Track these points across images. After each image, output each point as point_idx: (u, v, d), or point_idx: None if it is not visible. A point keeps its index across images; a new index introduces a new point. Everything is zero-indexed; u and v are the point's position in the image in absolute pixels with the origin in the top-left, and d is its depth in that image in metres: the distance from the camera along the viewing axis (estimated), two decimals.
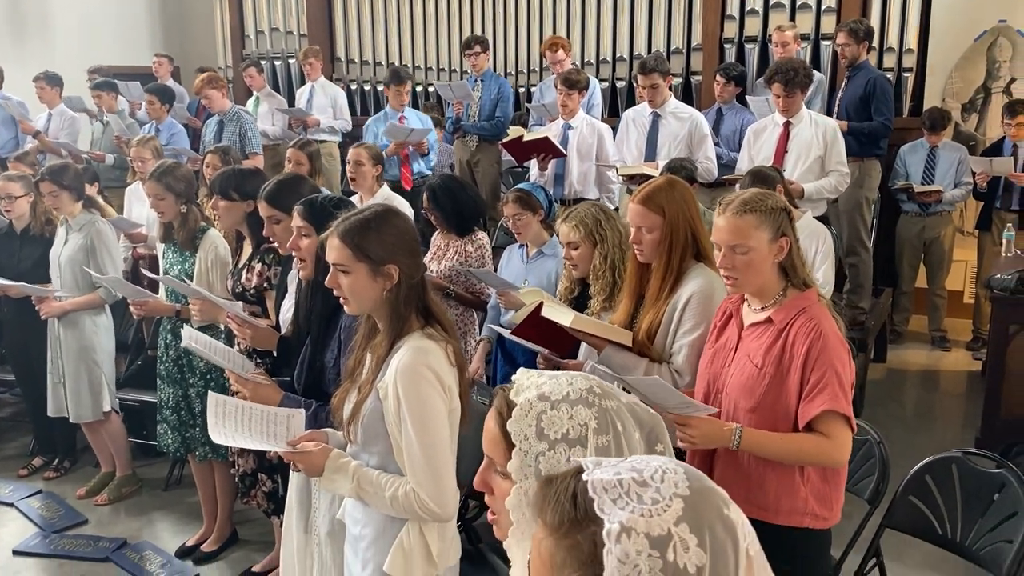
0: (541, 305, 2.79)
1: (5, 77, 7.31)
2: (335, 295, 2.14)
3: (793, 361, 2.16)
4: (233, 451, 3.44)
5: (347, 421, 2.09)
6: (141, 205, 5.33)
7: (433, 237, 4.31)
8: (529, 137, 5.47)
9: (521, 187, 3.99)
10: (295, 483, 2.64)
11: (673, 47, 7.34)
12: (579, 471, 0.91)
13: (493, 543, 2.94)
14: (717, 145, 5.78)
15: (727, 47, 7.16)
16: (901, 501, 2.81)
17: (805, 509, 2.23)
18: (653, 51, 7.18)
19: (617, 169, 5.35)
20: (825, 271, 4.03)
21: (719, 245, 2.24)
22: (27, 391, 4.80)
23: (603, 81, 7.47)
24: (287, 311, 3.06)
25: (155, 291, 3.91)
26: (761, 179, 3.85)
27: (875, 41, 6.55)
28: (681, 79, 7.25)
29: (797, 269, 2.25)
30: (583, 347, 2.86)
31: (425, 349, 2.00)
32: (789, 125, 4.97)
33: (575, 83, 5.53)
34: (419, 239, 2.16)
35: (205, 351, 2.70)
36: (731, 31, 7.15)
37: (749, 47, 7.09)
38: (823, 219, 4.93)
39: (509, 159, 6.32)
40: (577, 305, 3.23)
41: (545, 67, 7.22)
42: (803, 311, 2.20)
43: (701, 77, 7.23)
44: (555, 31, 7.60)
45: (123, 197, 5.73)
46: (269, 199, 3.00)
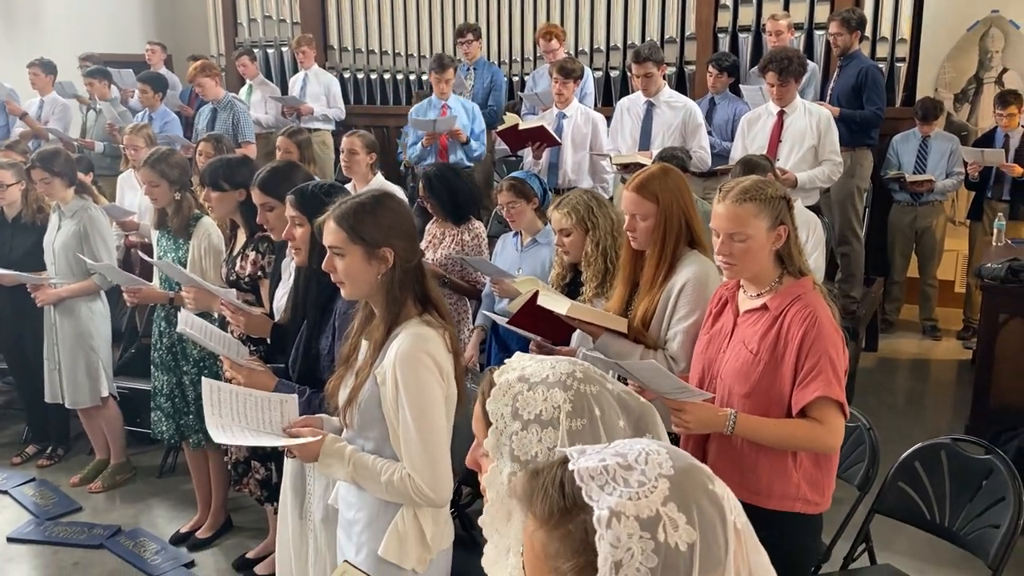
0: (537, 294, 2.80)
1: None
2: (330, 282, 2.15)
3: (788, 347, 2.18)
4: None
5: (344, 406, 2.10)
6: (133, 193, 5.32)
7: (429, 226, 4.31)
8: (525, 125, 5.47)
9: (516, 175, 4.00)
10: (289, 469, 2.65)
11: (667, 36, 7.33)
12: (564, 461, 0.92)
13: None
14: (710, 134, 5.79)
15: (721, 36, 7.15)
16: (891, 487, 2.84)
17: (797, 494, 2.25)
18: (647, 40, 7.17)
19: (611, 158, 5.36)
20: (816, 259, 4.05)
21: (717, 232, 2.26)
22: (20, 379, 4.80)
23: (597, 70, 7.46)
24: (281, 299, 3.06)
25: (148, 278, 3.91)
26: (752, 168, 3.86)
27: (868, 31, 6.56)
28: (675, 68, 7.25)
29: (794, 257, 2.27)
30: (576, 333, 2.87)
31: (424, 336, 2.01)
32: (783, 114, 4.98)
33: (570, 72, 5.52)
34: (415, 224, 2.17)
35: (200, 336, 2.70)
36: (725, 20, 7.15)
37: (743, 36, 7.08)
38: (815, 208, 4.95)
39: (502, 148, 6.31)
40: (570, 291, 3.25)
41: (539, 56, 7.21)
42: (798, 298, 2.22)
43: (695, 66, 7.23)
44: (549, 19, 7.57)
45: (115, 185, 5.71)
46: (262, 186, 3.00)
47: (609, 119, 5.71)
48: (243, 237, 3.43)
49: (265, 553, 3.67)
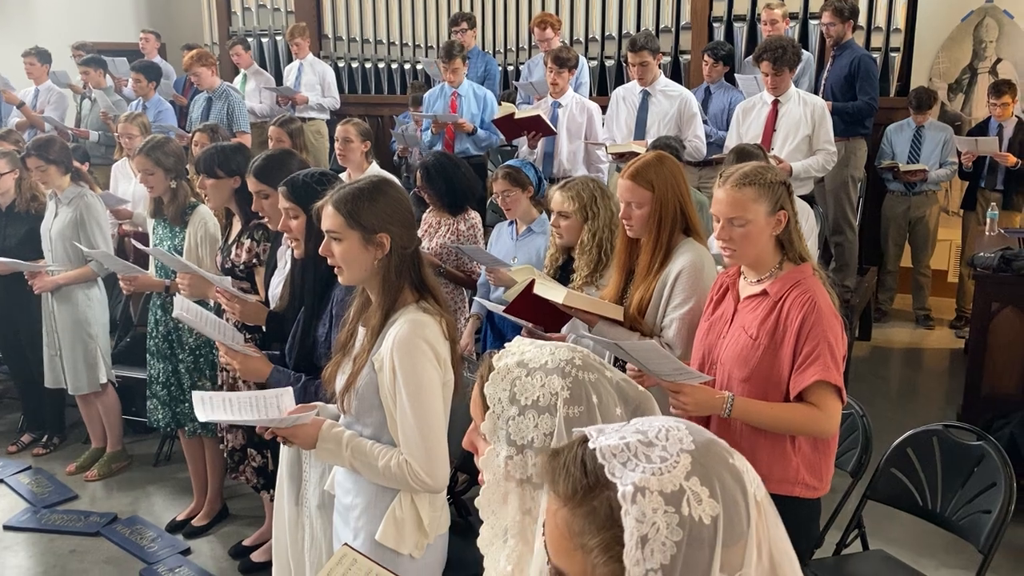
0: (533, 282, 2.81)
1: None
2: (328, 270, 2.15)
3: (786, 332, 2.19)
4: (222, 427, 3.45)
5: (341, 393, 2.11)
6: (127, 182, 5.31)
7: (425, 215, 4.31)
8: (521, 115, 5.46)
9: (511, 163, 4.00)
10: (286, 457, 2.66)
11: (662, 26, 7.33)
12: (584, 440, 0.93)
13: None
14: (705, 123, 5.80)
15: (716, 26, 7.16)
16: (883, 473, 2.87)
17: (796, 479, 2.27)
18: (642, 29, 7.17)
19: (607, 147, 5.36)
20: (808, 248, 4.06)
21: (717, 217, 2.27)
22: (15, 368, 4.80)
23: (592, 60, 7.46)
24: (276, 287, 3.06)
25: (142, 267, 3.90)
26: (745, 157, 3.86)
27: (863, 21, 6.58)
28: (670, 58, 7.25)
29: (794, 243, 2.28)
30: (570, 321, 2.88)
31: (422, 322, 2.01)
32: (777, 103, 4.99)
33: (565, 61, 5.52)
34: (413, 211, 2.17)
35: (196, 322, 2.70)
36: (720, 10, 7.15)
37: (738, 26, 7.09)
38: (808, 198, 4.96)
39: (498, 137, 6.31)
40: (562, 273, 3.25)
41: (533, 45, 7.20)
42: (798, 284, 2.23)
43: (690, 56, 7.23)
44: (544, 8, 7.57)
45: (109, 174, 5.69)
46: (258, 174, 3.00)
47: (604, 108, 5.71)
48: (238, 225, 3.43)
49: (261, 540, 3.68)
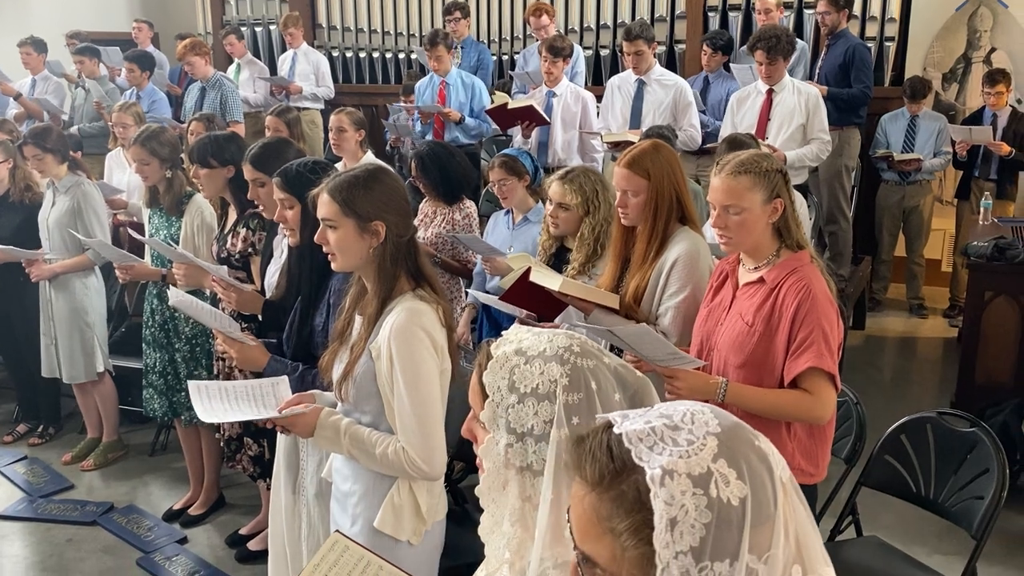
0: (529, 270, 2.81)
1: None
2: (325, 259, 2.15)
3: (782, 319, 2.21)
4: None
5: (339, 381, 2.11)
6: (122, 171, 5.29)
7: (421, 204, 4.31)
8: (514, 104, 5.46)
9: (507, 152, 4.00)
10: (283, 445, 2.67)
11: (657, 15, 7.31)
12: (609, 425, 0.93)
13: (479, 504, 2.99)
14: (703, 113, 5.79)
15: (711, 15, 7.14)
16: (877, 460, 2.88)
17: (792, 465, 2.24)
18: (637, 18, 7.15)
19: (602, 136, 5.36)
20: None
21: (714, 205, 2.28)
22: (10, 358, 4.79)
23: (587, 49, 7.44)
24: (272, 276, 3.07)
25: (139, 256, 3.90)
26: (737, 146, 3.86)
27: (858, 10, 6.57)
28: (665, 47, 7.23)
29: (791, 230, 2.29)
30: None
31: (418, 310, 2.02)
32: (772, 93, 4.99)
33: (559, 50, 5.51)
34: (409, 199, 2.17)
35: (192, 310, 2.70)
36: None
37: (733, 15, 7.08)
38: (802, 187, 4.97)
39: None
40: (555, 263, 3.25)
41: (528, 34, 7.18)
42: (794, 271, 2.25)
43: (684, 45, 7.22)
44: None
45: (103, 164, 5.67)
46: (254, 162, 3.00)
47: (600, 97, 5.70)
48: (234, 215, 3.43)
49: (258, 529, 3.69)
